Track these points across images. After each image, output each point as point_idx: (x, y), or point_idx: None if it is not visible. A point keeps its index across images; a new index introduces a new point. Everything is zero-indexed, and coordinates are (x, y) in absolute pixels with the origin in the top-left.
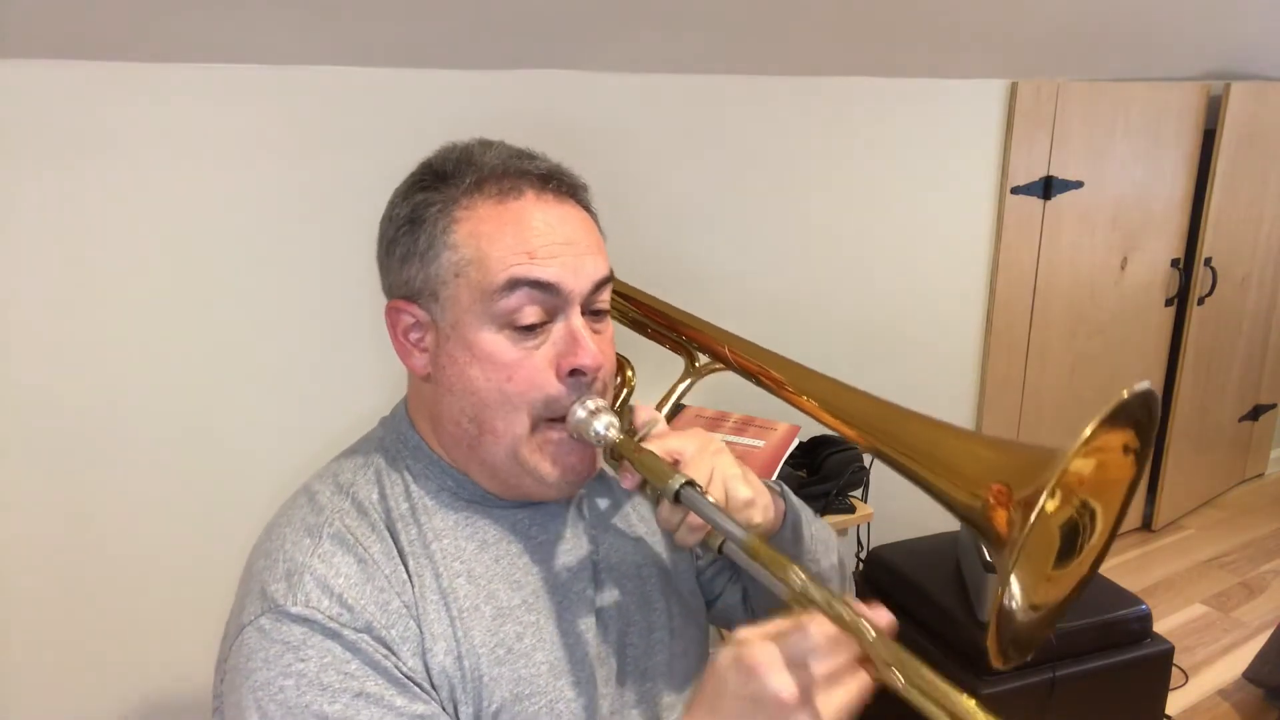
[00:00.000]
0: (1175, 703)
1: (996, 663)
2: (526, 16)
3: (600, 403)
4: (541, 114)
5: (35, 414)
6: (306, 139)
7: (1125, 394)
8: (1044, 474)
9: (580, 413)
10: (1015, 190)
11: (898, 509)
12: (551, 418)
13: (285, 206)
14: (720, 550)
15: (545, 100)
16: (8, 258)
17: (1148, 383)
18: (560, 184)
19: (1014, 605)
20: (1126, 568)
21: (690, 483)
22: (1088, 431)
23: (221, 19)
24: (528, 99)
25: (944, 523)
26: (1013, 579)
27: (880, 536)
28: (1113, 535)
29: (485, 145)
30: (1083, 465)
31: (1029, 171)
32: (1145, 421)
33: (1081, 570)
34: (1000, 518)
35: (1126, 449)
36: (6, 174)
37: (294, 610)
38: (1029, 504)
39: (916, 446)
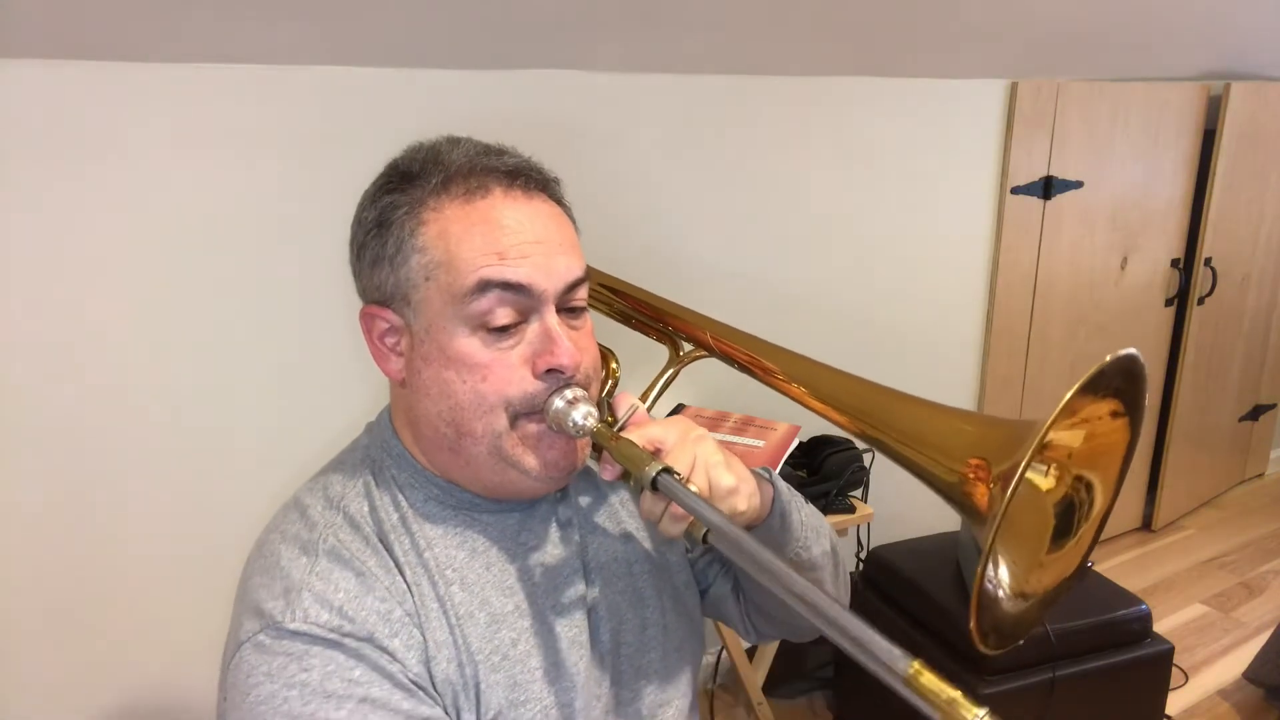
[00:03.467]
0: (1175, 703)
1: (982, 646)
2: (526, 16)
3: (579, 393)
4: (540, 114)
5: (33, 415)
6: (306, 139)
7: (1108, 358)
8: (1021, 447)
9: (558, 403)
10: (1015, 190)
11: (898, 509)
12: (530, 412)
13: (285, 206)
14: (705, 540)
15: (544, 100)
16: (7, 256)
17: (1132, 349)
18: (529, 179)
19: (1001, 593)
20: (1126, 568)
21: (667, 470)
22: (1064, 401)
23: (222, 19)
24: (526, 99)
25: (944, 523)
26: (1003, 564)
27: (880, 536)
28: (1110, 508)
29: (453, 143)
30: (1070, 438)
31: (1029, 171)
32: (1129, 388)
33: (1078, 553)
34: (980, 493)
35: (1115, 415)
36: (6, 173)
37: (292, 626)
38: (1007, 478)
39: (899, 424)
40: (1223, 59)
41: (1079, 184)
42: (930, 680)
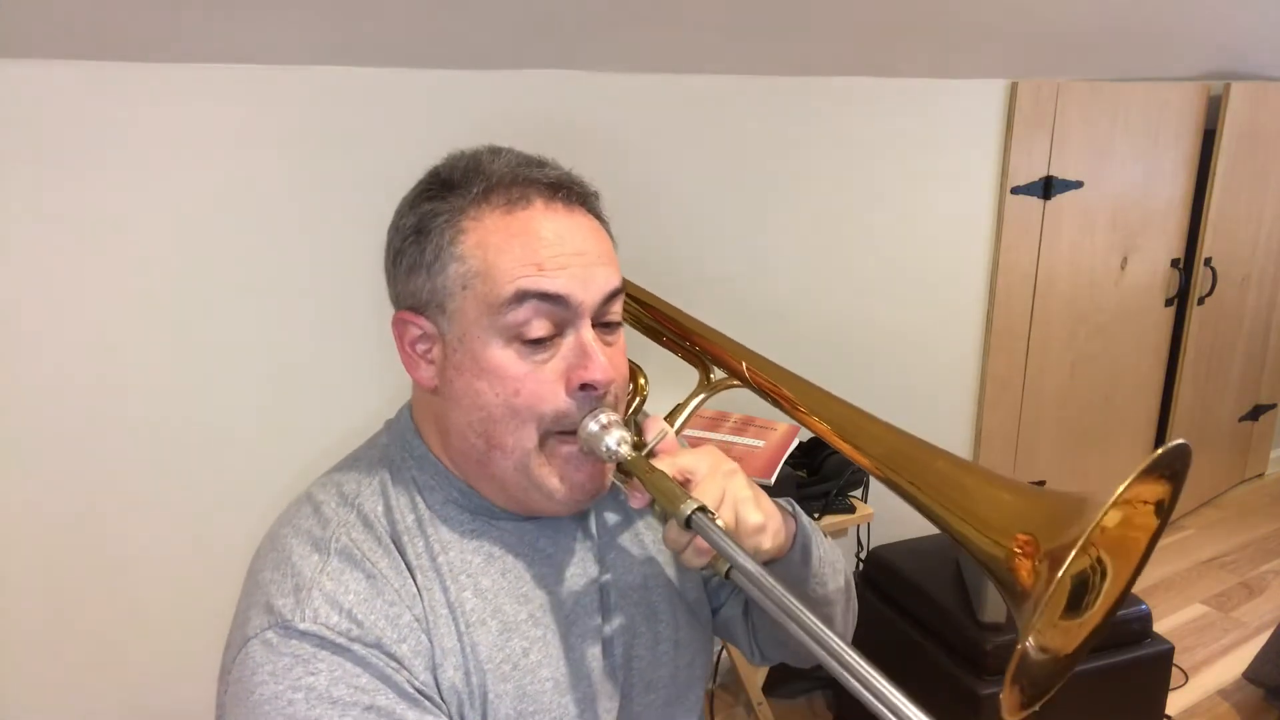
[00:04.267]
0: (1175, 703)
1: (1010, 714)
2: (526, 16)
3: (613, 417)
4: (541, 114)
5: (37, 414)
6: (307, 139)
7: (1161, 450)
8: (1074, 528)
9: (592, 426)
10: (1015, 190)
11: (898, 509)
12: (561, 431)
13: (285, 206)
14: (728, 576)
15: (545, 100)
16: (8, 257)
17: (1183, 440)
18: (570, 192)
19: (1028, 643)
20: None
21: (702, 508)
22: (1122, 488)
23: (222, 19)
24: (528, 99)
25: None
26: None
27: (880, 536)
28: (1116, 607)
29: (494, 153)
30: (1110, 517)
31: (1029, 171)
32: (1179, 474)
33: (1083, 631)
34: (1024, 569)
35: (1154, 507)
36: (8, 173)
37: (302, 626)
38: (1056, 559)
39: (937, 486)
40: (1223, 59)
41: (1079, 184)
42: None
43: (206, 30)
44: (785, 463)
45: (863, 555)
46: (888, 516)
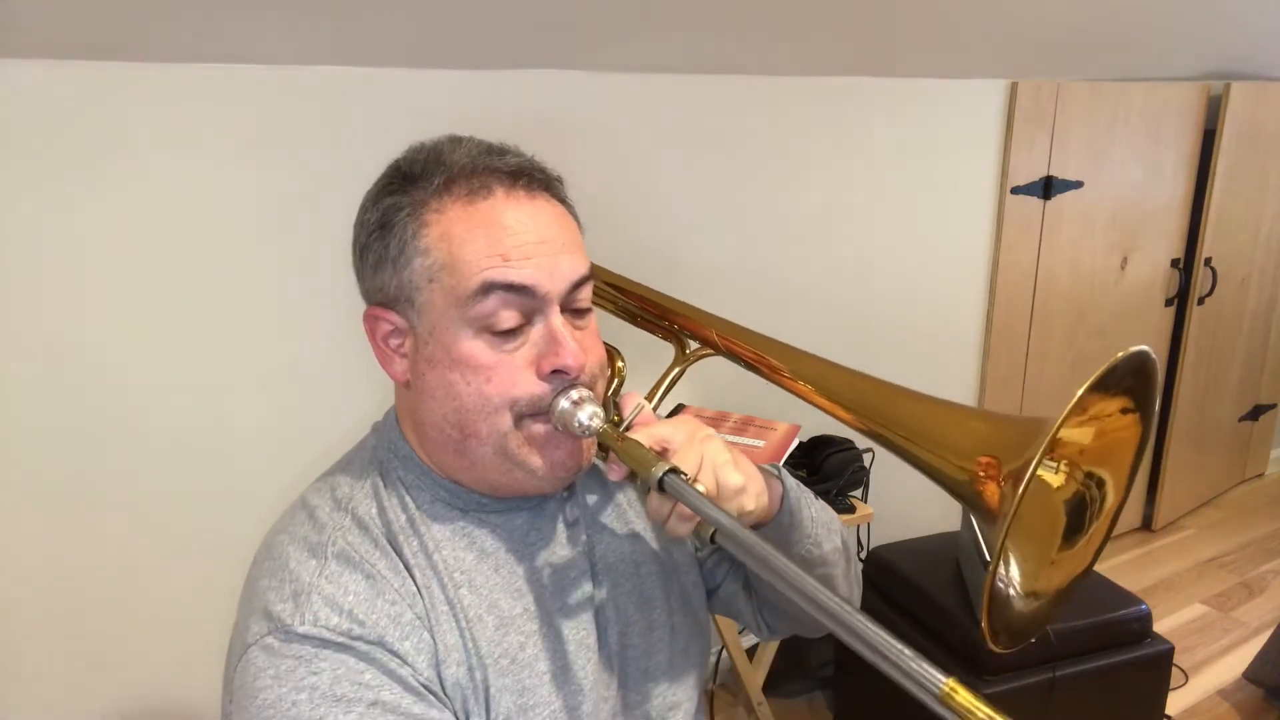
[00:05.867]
0: (1175, 703)
1: (993, 645)
2: (526, 16)
3: (584, 393)
4: (539, 114)
5: (35, 414)
6: (306, 139)
7: (1118, 355)
8: (1033, 445)
9: (564, 403)
10: (1015, 190)
11: (898, 509)
12: (535, 413)
13: (284, 206)
14: (713, 540)
15: (543, 100)
16: (8, 257)
17: (1144, 346)
18: (531, 179)
19: (1012, 592)
20: (1126, 568)
21: (674, 470)
22: (1075, 397)
23: (222, 19)
24: (525, 99)
25: (944, 523)
26: (1014, 562)
27: (880, 536)
28: (1122, 503)
29: (454, 143)
30: (1080, 435)
31: (1029, 171)
32: (1140, 386)
33: (1090, 549)
34: (990, 491)
35: (1125, 411)
36: (7, 173)
37: (301, 630)
38: (1018, 476)
39: (907, 422)
40: (1223, 59)
41: (1079, 184)
42: (965, 698)
43: (207, 30)
44: (785, 462)
45: (863, 555)
46: (888, 516)
